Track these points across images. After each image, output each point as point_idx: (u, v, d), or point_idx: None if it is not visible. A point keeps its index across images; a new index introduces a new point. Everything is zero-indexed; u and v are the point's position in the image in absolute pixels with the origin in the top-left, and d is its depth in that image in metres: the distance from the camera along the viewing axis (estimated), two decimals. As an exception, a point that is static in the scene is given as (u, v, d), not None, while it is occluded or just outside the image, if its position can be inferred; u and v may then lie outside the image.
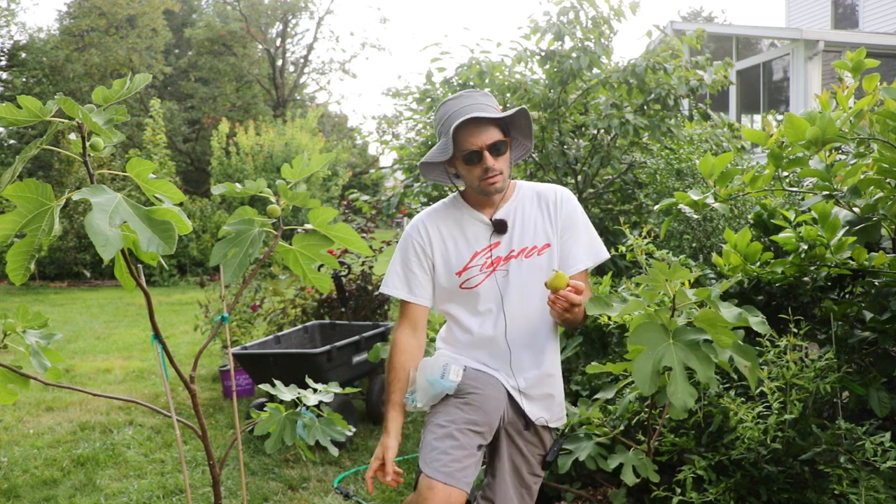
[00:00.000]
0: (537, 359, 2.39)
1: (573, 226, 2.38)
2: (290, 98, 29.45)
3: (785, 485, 2.78)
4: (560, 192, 2.42)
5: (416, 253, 2.40)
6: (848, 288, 3.14)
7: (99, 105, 1.93)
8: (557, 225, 2.37)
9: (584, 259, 2.37)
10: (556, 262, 2.38)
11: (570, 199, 2.42)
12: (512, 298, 2.36)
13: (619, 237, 5.89)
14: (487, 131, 2.25)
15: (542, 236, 2.37)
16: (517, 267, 2.36)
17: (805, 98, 13.92)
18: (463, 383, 2.30)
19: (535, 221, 2.39)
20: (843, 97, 2.52)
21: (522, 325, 2.37)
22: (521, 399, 2.40)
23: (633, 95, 5.78)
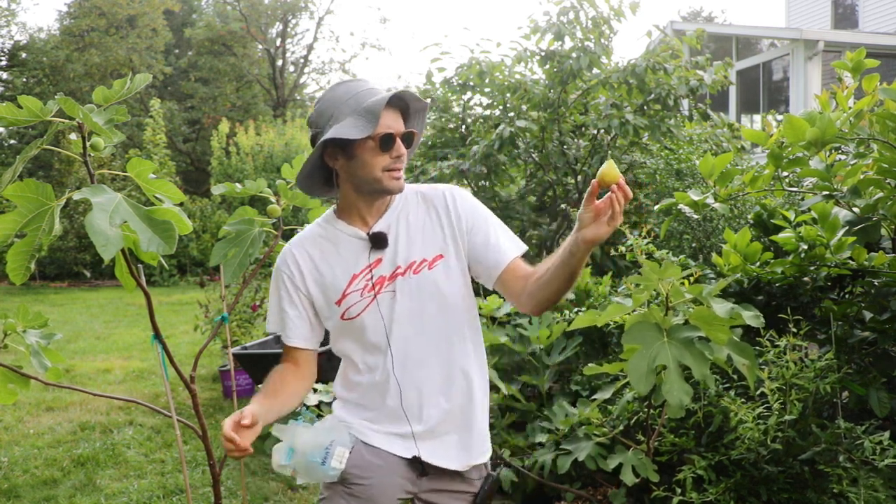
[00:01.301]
0: (442, 392, 1.98)
1: (481, 220, 2.01)
2: (290, 98, 29.44)
3: (785, 485, 2.78)
4: (452, 191, 2.03)
5: (286, 289, 2.02)
6: (848, 288, 3.15)
7: (99, 105, 1.93)
8: (457, 228, 1.98)
9: (509, 250, 1.98)
10: (455, 274, 1.99)
11: (466, 197, 2.05)
12: (402, 324, 1.95)
13: (619, 237, 5.89)
14: (399, 119, 1.94)
15: (432, 246, 1.97)
16: (405, 286, 1.94)
17: (805, 98, 13.92)
18: (349, 470, 1.95)
19: (424, 229, 1.99)
20: (842, 97, 2.52)
21: (417, 353, 1.96)
22: (428, 450, 1.99)
23: (633, 95, 5.78)
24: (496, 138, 5.69)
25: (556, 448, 3.30)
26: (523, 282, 1.92)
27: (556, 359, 3.79)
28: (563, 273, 1.79)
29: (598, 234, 1.69)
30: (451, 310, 1.97)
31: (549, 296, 1.87)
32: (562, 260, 1.78)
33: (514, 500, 3.62)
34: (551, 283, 1.83)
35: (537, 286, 1.87)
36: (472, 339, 2.03)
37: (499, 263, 1.95)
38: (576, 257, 1.74)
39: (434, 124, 7.05)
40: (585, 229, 1.69)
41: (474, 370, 2.03)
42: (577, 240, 1.71)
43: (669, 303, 2.50)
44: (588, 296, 4.07)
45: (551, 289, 1.85)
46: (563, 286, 1.82)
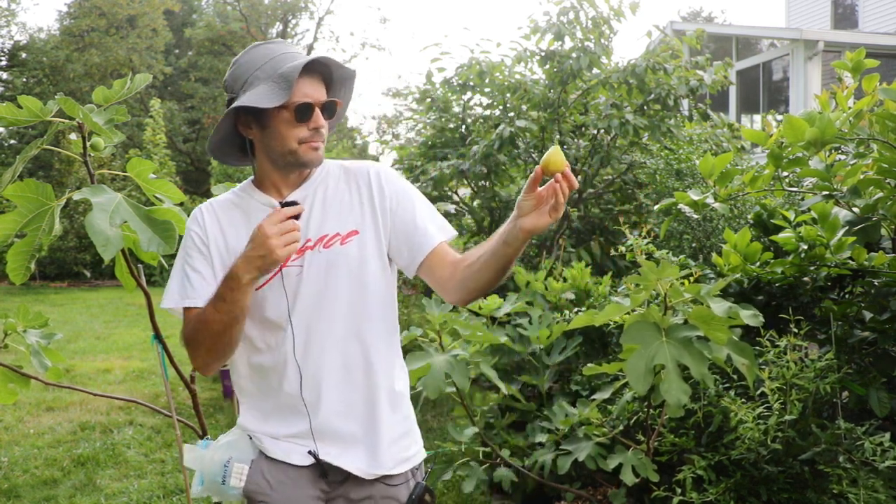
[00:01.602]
0: (345, 383, 1.78)
1: (407, 200, 1.84)
2: (290, 98, 29.40)
3: (785, 485, 2.78)
4: (379, 168, 1.89)
5: (195, 247, 1.79)
6: (848, 288, 3.15)
7: (99, 105, 1.94)
8: (379, 206, 1.82)
9: (437, 233, 1.82)
10: (371, 254, 1.81)
11: (394, 176, 1.89)
12: (306, 302, 1.76)
13: (619, 237, 5.89)
14: (321, 87, 1.77)
15: (349, 221, 1.80)
16: (313, 261, 1.76)
17: (805, 98, 13.92)
18: (250, 488, 1.79)
19: (342, 203, 1.82)
20: (842, 97, 2.52)
21: (320, 337, 1.77)
22: (327, 449, 1.79)
23: (632, 95, 5.78)
24: (496, 138, 5.69)
25: (556, 448, 3.30)
26: (451, 268, 1.76)
27: (555, 359, 3.79)
28: (497, 263, 1.64)
29: (538, 224, 1.55)
30: (364, 293, 1.79)
31: (480, 286, 1.71)
32: (495, 248, 1.63)
33: (513, 500, 3.62)
34: (482, 273, 1.68)
35: (467, 273, 1.72)
36: (385, 329, 1.84)
37: (423, 246, 1.80)
38: (511, 247, 1.60)
39: (434, 124, 7.06)
40: (524, 218, 1.56)
41: (385, 363, 1.84)
42: (515, 228, 1.57)
43: (668, 302, 2.50)
44: (588, 296, 4.08)
45: (482, 278, 1.69)
46: (494, 277, 1.67)
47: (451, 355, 3.05)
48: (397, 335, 1.92)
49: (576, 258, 5.60)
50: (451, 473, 3.43)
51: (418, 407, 3.30)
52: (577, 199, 6.24)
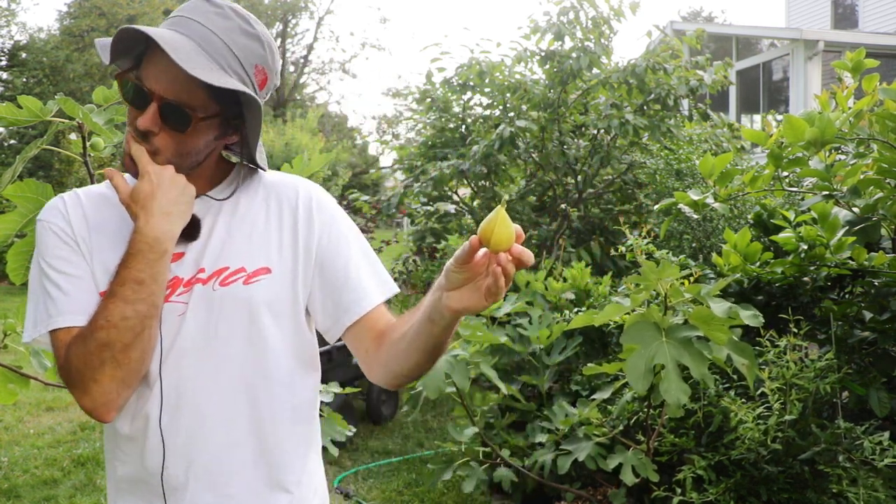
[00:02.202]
0: (235, 475, 1.30)
1: (342, 240, 1.38)
2: (290, 98, 29.45)
3: (785, 484, 2.78)
4: (312, 190, 1.41)
5: (58, 243, 1.29)
6: (848, 288, 3.15)
7: (99, 105, 1.94)
8: (305, 242, 1.35)
9: (375, 291, 1.37)
10: (283, 302, 1.32)
11: (330, 205, 1.42)
12: (185, 351, 1.27)
13: (619, 237, 5.89)
14: (178, 75, 1.18)
15: (260, 254, 1.32)
16: (203, 299, 1.28)
17: (805, 98, 13.93)
18: None
19: (254, 228, 1.34)
20: (842, 97, 2.52)
21: (196, 401, 1.28)
22: None
23: (632, 95, 5.78)
24: (496, 138, 5.69)
25: (556, 448, 3.30)
26: (378, 341, 1.34)
27: (555, 359, 3.79)
28: (423, 343, 1.23)
29: (469, 305, 1.13)
30: (266, 354, 1.30)
31: (405, 370, 1.30)
32: (420, 326, 1.22)
33: (513, 500, 3.62)
34: (408, 356, 1.27)
35: (392, 353, 1.30)
36: (292, 408, 1.35)
37: (354, 307, 1.35)
38: (438, 325, 1.18)
39: (434, 124, 7.06)
40: (453, 293, 1.14)
41: (287, 455, 1.34)
42: (441, 305, 1.15)
43: (668, 303, 2.50)
44: (588, 296, 4.08)
45: (408, 363, 1.28)
46: (423, 360, 1.26)
47: (451, 355, 3.06)
48: (313, 420, 1.43)
49: (576, 258, 5.60)
50: (451, 473, 3.43)
51: (418, 407, 3.30)
52: (577, 199, 6.24)
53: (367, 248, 1.44)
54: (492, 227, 1.08)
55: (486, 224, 1.09)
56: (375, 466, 4.47)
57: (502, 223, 1.09)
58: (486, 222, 1.09)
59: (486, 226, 1.09)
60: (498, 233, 1.09)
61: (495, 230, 1.08)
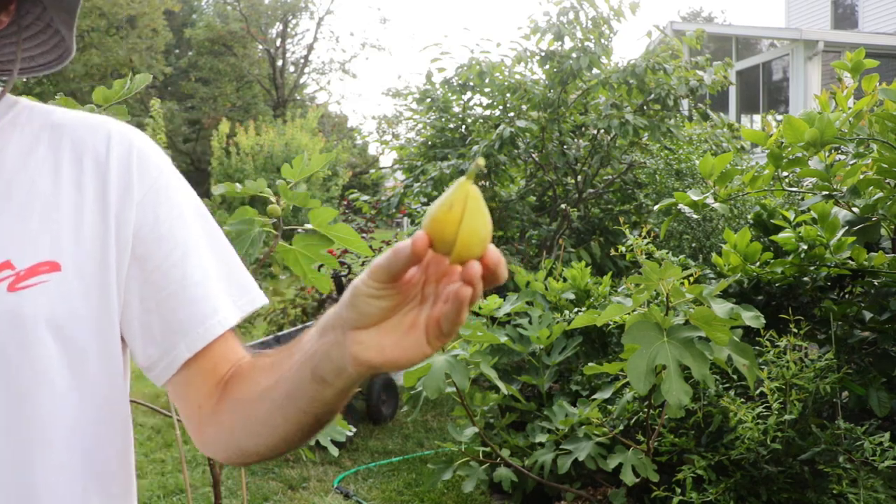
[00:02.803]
0: None
1: (179, 222, 0.89)
2: (290, 98, 29.46)
3: (785, 485, 2.78)
4: (130, 137, 0.90)
5: None
6: (847, 288, 3.15)
7: (99, 105, 1.94)
8: (120, 219, 0.84)
9: (226, 304, 0.89)
10: (81, 317, 0.80)
11: (157, 159, 0.91)
12: None
13: (619, 237, 5.90)
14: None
15: (43, 241, 0.80)
16: None
17: (805, 98, 13.93)
18: None
19: (34, 196, 0.82)
20: (842, 97, 2.53)
21: None
22: None
23: (632, 95, 5.78)
24: (496, 138, 5.69)
25: (556, 448, 3.30)
26: (217, 394, 0.87)
27: (555, 358, 3.79)
28: (299, 412, 0.79)
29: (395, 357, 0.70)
30: (41, 399, 0.79)
31: (263, 449, 0.84)
32: (299, 385, 0.77)
33: (513, 499, 3.62)
34: (271, 428, 0.81)
35: (242, 420, 0.84)
36: (82, 475, 0.83)
37: (192, 331, 0.86)
38: (332, 388, 0.75)
39: (434, 124, 7.06)
40: (365, 335, 0.70)
41: None
42: (342, 354, 0.71)
43: (669, 303, 2.50)
44: (588, 296, 4.08)
45: (270, 437, 0.82)
46: (295, 436, 0.81)
47: (451, 355, 3.05)
48: (131, 487, 0.91)
49: (576, 258, 5.60)
50: (451, 473, 3.43)
51: (418, 407, 3.30)
52: (577, 199, 6.24)
53: (214, 230, 0.93)
54: (456, 218, 0.63)
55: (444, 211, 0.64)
56: (375, 466, 4.47)
57: (474, 212, 0.64)
58: (443, 208, 0.64)
59: (442, 214, 0.64)
60: (468, 228, 0.64)
61: (463, 223, 0.63)
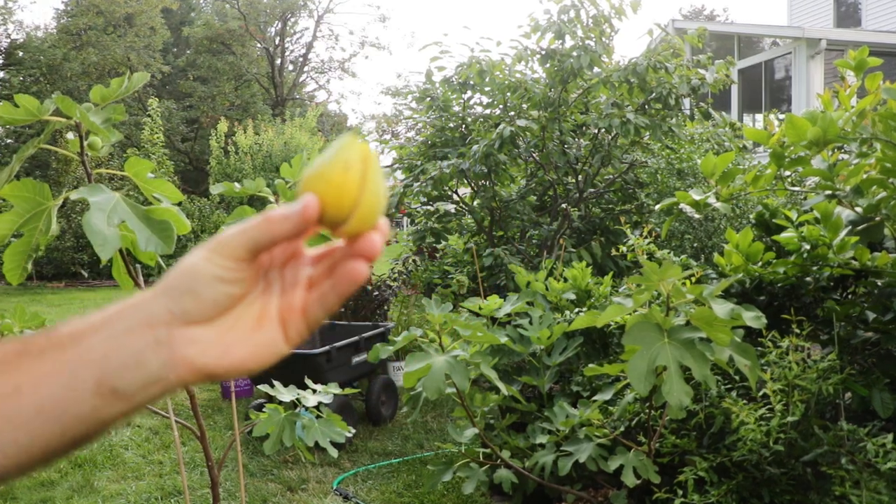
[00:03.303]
0: None
1: None
2: (289, 97, 29.43)
3: (787, 486, 2.77)
4: None
5: None
6: (850, 288, 3.13)
7: (97, 104, 1.92)
8: None
9: None
10: None
11: None
12: None
13: (620, 237, 5.87)
14: None
15: None
16: None
17: (807, 97, 13.91)
18: None
19: None
20: (845, 96, 2.51)
21: None
22: None
23: (634, 94, 5.76)
24: (496, 138, 5.67)
25: (557, 449, 3.28)
26: None
27: (556, 359, 3.77)
28: (54, 431, 0.55)
29: (241, 359, 0.58)
30: None
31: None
32: (67, 397, 0.55)
33: (514, 501, 3.60)
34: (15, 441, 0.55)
35: None
36: None
37: None
38: (128, 404, 0.56)
39: (434, 123, 7.04)
40: (201, 334, 0.57)
41: None
42: (171, 359, 0.56)
43: (670, 303, 2.48)
44: (589, 296, 4.06)
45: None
46: (27, 463, 0.56)
47: (451, 356, 3.04)
48: None
49: (576, 258, 5.58)
50: (451, 475, 3.41)
51: (418, 408, 3.28)
52: (578, 199, 6.22)
53: None
54: (355, 181, 0.54)
55: (339, 172, 0.54)
56: (375, 468, 4.45)
57: (376, 175, 0.56)
58: (336, 168, 0.55)
59: (339, 176, 0.54)
60: (370, 194, 0.55)
61: (366, 188, 0.55)
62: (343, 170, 0.54)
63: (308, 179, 0.55)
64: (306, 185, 0.55)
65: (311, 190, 0.55)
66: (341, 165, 0.54)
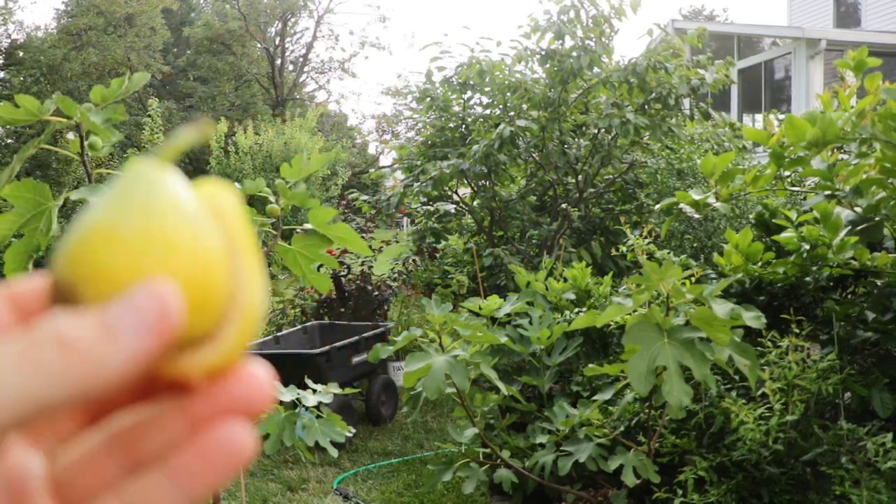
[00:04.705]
0: None
1: None
2: (289, 97, 29.44)
3: (787, 486, 2.77)
4: None
5: None
6: (850, 288, 3.13)
7: (97, 104, 1.92)
8: None
9: None
10: None
11: None
12: None
13: (619, 237, 5.88)
14: None
15: None
16: None
17: (807, 97, 13.91)
18: None
19: None
20: (844, 97, 2.51)
21: None
22: None
23: (633, 95, 5.77)
24: (496, 138, 5.68)
25: (557, 449, 3.28)
26: None
27: (556, 359, 3.77)
28: None
29: None
30: None
31: None
32: None
33: (514, 501, 3.60)
34: None
35: None
36: None
37: None
38: None
39: (434, 123, 7.04)
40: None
41: None
42: None
43: (670, 303, 2.48)
44: (589, 296, 4.06)
45: None
46: None
47: (451, 356, 3.04)
48: None
49: (576, 258, 5.58)
50: (451, 474, 3.42)
51: (418, 408, 3.29)
52: (577, 199, 6.23)
53: None
54: (219, 264, 0.31)
55: (185, 240, 0.31)
56: (375, 468, 4.45)
57: (244, 245, 0.33)
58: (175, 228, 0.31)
59: (186, 247, 0.31)
60: (248, 289, 0.32)
61: (241, 275, 0.32)
62: (192, 237, 0.31)
63: (97, 252, 0.31)
64: (97, 262, 0.31)
65: (124, 274, 0.30)
66: (186, 228, 0.31)
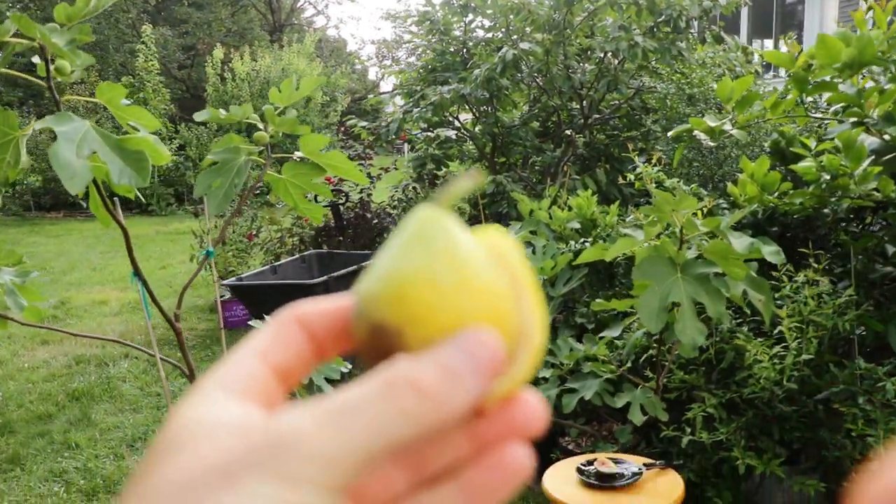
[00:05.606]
0: None
1: None
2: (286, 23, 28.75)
3: (798, 424, 2.69)
4: None
5: None
6: (868, 220, 3.00)
7: (62, 24, 1.75)
8: None
9: None
10: None
11: None
12: None
13: (625, 164, 5.71)
14: None
15: None
16: None
17: (821, 23, 13.49)
18: None
19: None
20: (881, 14, 2.32)
21: None
22: None
23: (642, 17, 5.51)
24: (498, 62, 5.46)
25: (561, 383, 3.20)
26: None
27: (560, 290, 3.66)
28: None
29: None
30: None
31: None
32: None
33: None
34: None
35: None
36: None
37: None
38: None
39: (434, 48, 6.79)
40: None
41: None
42: None
43: (683, 236, 2.35)
44: (594, 225, 3.92)
45: None
46: None
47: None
48: None
49: (581, 185, 5.42)
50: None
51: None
52: (582, 125, 6.04)
53: None
54: (509, 303, 0.34)
55: (482, 284, 0.32)
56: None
57: (528, 286, 0.35)
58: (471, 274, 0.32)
59: (482, 290, 0.32)
60: (533, 324, 0.34)
61: (525, 312, 0.34)
62: (492, 281, 0.33)
63: (423, 297, 0.31)
64: (422, 307, 0.31)
65: (439, 318, 0.31)
66: (487, 274, 0.32)
